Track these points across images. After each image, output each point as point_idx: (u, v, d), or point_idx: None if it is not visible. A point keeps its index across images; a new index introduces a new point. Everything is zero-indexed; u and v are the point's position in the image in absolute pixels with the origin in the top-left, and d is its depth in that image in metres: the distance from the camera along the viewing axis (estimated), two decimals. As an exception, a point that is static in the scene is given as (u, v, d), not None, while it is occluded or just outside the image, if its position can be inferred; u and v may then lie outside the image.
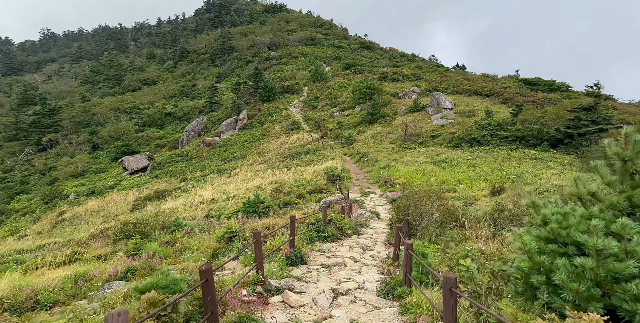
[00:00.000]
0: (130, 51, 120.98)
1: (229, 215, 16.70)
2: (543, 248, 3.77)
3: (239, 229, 8.93)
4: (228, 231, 8.89)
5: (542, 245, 3.80)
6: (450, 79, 50.99)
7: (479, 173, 23.56)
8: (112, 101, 72.38)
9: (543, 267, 3.59)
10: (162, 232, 13.04)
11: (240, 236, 8.89)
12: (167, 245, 10.13)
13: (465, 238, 9.69)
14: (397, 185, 21.43)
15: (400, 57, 79.71)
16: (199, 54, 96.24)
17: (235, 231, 8.88)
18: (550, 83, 43.12)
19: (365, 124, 41.19)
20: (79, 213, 33.68)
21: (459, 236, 9.83)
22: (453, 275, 3.67)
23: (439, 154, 29.55)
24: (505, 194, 18.00)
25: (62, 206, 39.33)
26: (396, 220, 9.82)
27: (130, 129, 62.78)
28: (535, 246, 3.69)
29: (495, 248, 7.95)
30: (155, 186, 38.01)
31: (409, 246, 5.50)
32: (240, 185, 27.14)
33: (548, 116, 30.30)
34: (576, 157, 25.40)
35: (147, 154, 48.65)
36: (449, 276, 3.63)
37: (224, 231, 8.98)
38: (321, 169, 24.81)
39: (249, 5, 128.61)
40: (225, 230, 8.97)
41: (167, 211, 21.50)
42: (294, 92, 60.96)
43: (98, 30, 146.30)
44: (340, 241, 10.26)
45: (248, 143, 46.41)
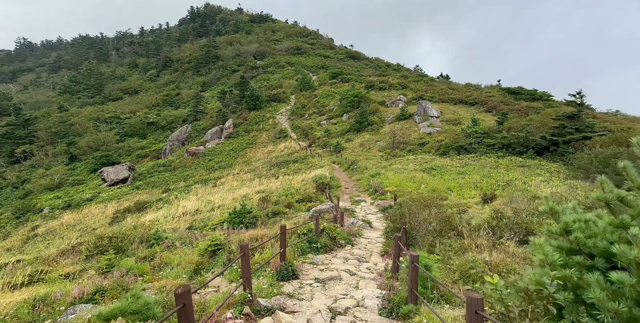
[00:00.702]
0: (111, 60, 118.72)
1: (214, 227, 15.81)
2: (566, 260, 3.27)
3: (224, 241, 8.17)
4: (212, 244, 8.13)
5: (565, 257, 3.31)
6: (436, 88, 51.72)
7: (469, 180, 23.40)
8: (92, 111, 70.22)
9: (570, 283, 3.06)
10: (141, 246, 12.07)
11: (226, 249, 8.13)
12: (144, 260, 9.24)
13: (464, 248, 9.19)
14: (388, 193, 20.99)
15: (386, 66, 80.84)
16: (183, 63, 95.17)
17: (220, 243, 8.12)
18: (532, 92, 44.18)
19: (353, 132, 40.99)
20: (53, 227, 31.76)
21: (458, 245, 9.34)
22: (478, 295, 3.10)
23: (427, 161, 29.42)
24: (497, 202, 17.78)
25: (35, 220, 37.17)
26: (393, 228, 9.26)
27: (110, 140, 60.77)
28: (559, 259, 3.17)
29: (499, 259, 7.46)
30: (136, 197, 36.52)
31: (415, 258, 4.93)
32: (226, 195, 26.18)
33: (533, 124, 30.73)
34: (562, 164, 25.65)
35: (127, 164, 46.94)
36: (474, 296, 3.06)
37: (208, 244, 8.21)
38: (310, 178, 24.18)
39: (235, 15, 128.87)
40: (209, 243, 8.20)
41: (147, 223, 20.34)
42: (280, 101, 60.57)
43: (78, 39, 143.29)
44: (333, 252, 9.60)
45: (234, 151, 45.45)
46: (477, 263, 7.22)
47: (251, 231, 9.47)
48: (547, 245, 3.44)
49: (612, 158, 20.48)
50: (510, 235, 9.68)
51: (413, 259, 4.93)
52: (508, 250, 8.43)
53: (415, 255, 4.94)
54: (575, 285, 3.01)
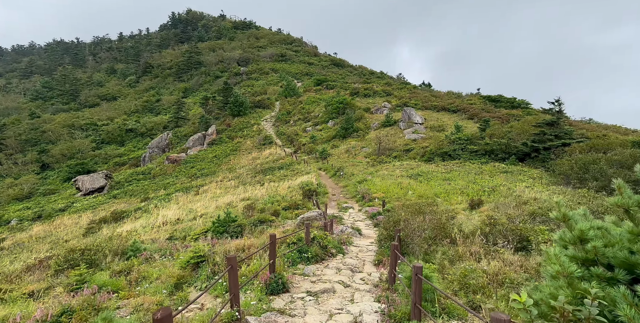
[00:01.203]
0: (88, 65, 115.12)
1: (196, 237, 15.04)
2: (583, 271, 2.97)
3: (207, 253, 7.58)
4: (195, 255, 7.52)
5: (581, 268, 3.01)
6: (419, 95, 52.51)
7: (455, 186, 23.47)
8: (66, 118, 67.49)
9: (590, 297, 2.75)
10: (116, 259, 11.23)
11: (210, 261, 7.54)
12: (120, 274, 8.49)
13: (458, 256, 8.92)
14: (376, 199, 20.73)
15: (370, 74, 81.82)
16: (164, 69, 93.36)
17: (203, 255, 7.52)
18: (511, 100, 45.46)
19: (339, 138, 40.84)
20: (21, 240, 29.81)
21: (452, 253, 9.07)
22: (504, 316, 2.74)
23: (413, 167, 29.47)
24: (485, 208, 17.80)
25: (1, 233, 34.89)
26: (386, 236, 8.91)
27: (86, 147, 58.41)
28: (577, 271, 2.86)
29: (497, 267, 7.20)
30: (113, 207, 34.97)
31: (418, 269, 4.56)
32: (209, 203, 25.28)
33: (514, 131, 31.40)
34: (544, 170, 26.18)
35: (104, 172, 45.04)
36: (500, 318, 2.70)
37: (190, 256, 7.59)
38: (296, 185, 23.68)
39: (217, 21, 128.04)
40: (192, 255, 7.59)
41: (124, 234, 19.25)
42: (265, 107, 60.00)
43: (52, 44, 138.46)
44: (324, 262, 9.14)
45: (217, 158, 44.40)
46: (475, 272, 6.92)
47: (237, 241, 8.90)
48: (562, 255, 3.13)
49: (592, 164, 21.02)
50: (504, 242, 9.50)
51: (416, 270, 4.56)
52: (504, 257, 8.20)
53: (419, 266, 4.57)
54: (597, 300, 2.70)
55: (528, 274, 7.22)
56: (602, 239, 3.07)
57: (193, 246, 8.05)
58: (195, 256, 7.44)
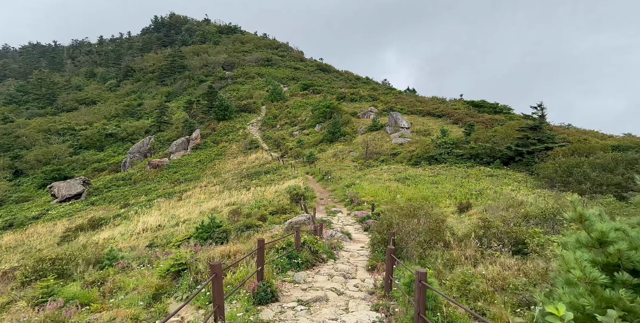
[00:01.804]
0: (66, 69, 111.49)
1: (178, 243, 14.30)
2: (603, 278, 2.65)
3: (189, 260, 7.00)
4: (175, 263, 6.94)
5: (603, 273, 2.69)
6: (405, 100, 53.00)
7: (442, 189, 23.47)
8: (42, 122, 64.85)
9: (617, 306, 2.43)
10: (91, 268, 10.43)
11: (192, 269, 6.97)
12: (93, 285, 7.79)
13: (453, 260, 8.63)
14: (365, 203, 20.44)
15: (356, 79, 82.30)
16: (147, 73, 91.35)
17: (185, 262, 6.95)
18: (494, 106, 46.39)
19: (326, 142, 40.58)
20: (-11, 249, 28.07)
21: (446, 257, 8.77)
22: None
23: (401, 171, 29.42)
24: (473, 210, 17.74)
25: (-33, 242, 32.78)
26: (380, 240, 8.53)
27: (63, 152, 56.11)
28: (602, 277, 2.54)
29: (496, 272, 6.91)
30: (91, 214, 33.47)
31: (422, 276, 4.18)
32: (193, 209, 24.43)
33: (498, 135, 31.85)
34: (528, 174, 26.53)
35: (81, 178, 43.23)
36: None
37: (170, 264, 7.00)
38: (283, 189, 23.15)
39: (202, 25, 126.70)
40: (172, 262, 7.00)
41: (101, 242, 18.24)
42: (251, 111, 59.28)
43: (27, 47, 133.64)
44: (315, 268, 8.67)
45: (202, 163, 43.33)
46: (474, 277, 6.60)
47: (222, 247, 8.35)
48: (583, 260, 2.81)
49: (575, 167, 21.38)
50: (498, 245, 9.28)
51: (420, 277, 4.18)
52: (502, 261, 7.94)
53: (423, 273, 4.20)
54: (625, 309, 2.38)
55: (527, 278, 6.95)
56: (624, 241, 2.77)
57: (174, 254, 7.46)
58: (176, 264, 6.86)
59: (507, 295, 5.83)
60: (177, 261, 6.89)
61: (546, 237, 8.57)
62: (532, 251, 7.92)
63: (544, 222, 9.56)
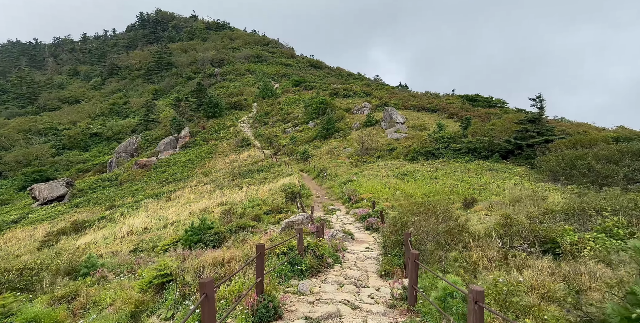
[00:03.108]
0: (48, 67, 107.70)
1: (165, 247, 13.14)
2: None
3: (175, 270, 5.90)
4: (159, 274, 5.83)
5: None
6: (398, 95, 52.24)
7: (443, 185, 22.69)
8: (22, 122, 62.16)
9: None
10: (65, 279, 9.21)
11: (179, 281, 5.87)
12: (62, 301, 6.61)
13: (473, 262, 7.70)
14: (364, 200, 19.50)
15: (348, 76, 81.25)
16: (132, 70, 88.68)
17: (170, 273, 5.84)
18: (488, 99, 45.92)
19: (320, 139, 39.53)
20: (-37, 256, 26.32)
21: (465, 258, 7.85)
22: None
23: (398, 167, 28.61)
24: (479, 206, 16.96)
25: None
26: (394, 242, 7.55)
27: (44, 153, 53.79)
28: None
29: (532, 277, 5.96)
30: (74, 217, 31.84)
31: (479, 296, 3.17)
32: (182, 209, 23.16)
33: (496, 129, 31.26)
34: (528, 167, 25.95)
35: (64, 180, 41.33)
36: None
37: (153, 275, 5.89)
38: (277, 187, 22.06)
39: (189, 22, 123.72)
40: (155, 273, 5.89)
41: (82, 247, 16.91)
42: (242, 109, 57.75)
43: (7, 45, 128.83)
44: (321, 274, 7.66)
45: (191, 162, 41.85)
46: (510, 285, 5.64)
47: (214, 253, 7.25)
48: None
49: (579, 160, 20.76)
50: (521, 244, 8.39)
51: (476, 296, 3.18)
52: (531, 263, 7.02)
53: (479, 291, 3.21)
54: None
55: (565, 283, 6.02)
56: None
57: (158, 263, 6.34)
58: (159, 275, 5.76)
59: (557, 310, 4.90)
60: (160, 272, 5.79)
61: (576, 235, 7.70)
62: (565, 252, 7.04)
63: (571, 218, 8.72)
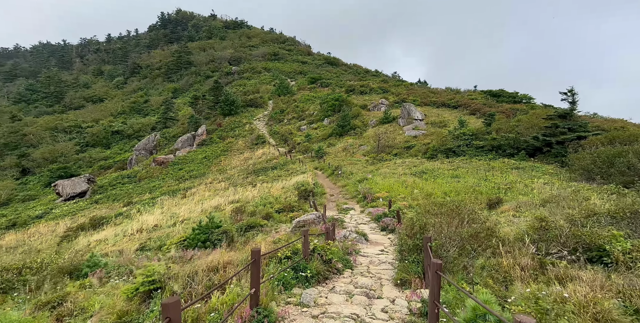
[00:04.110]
0: (75, 68, 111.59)
1: (172, 246, 12.72)
2: None
3: (163, 278, 5.27)
4: (146, 280, 5.22)
5: None
6: (417, 92, 50.63)
7: (465, 184, 21.42)
8: (49, 120, 64.36)
9: None
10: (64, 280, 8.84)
11: (168, 289, 5.23)
12: (46, 307, 6.13)
13: (504, 271, 6.73)
14: (380, 199, 18.56)
15: (365, 72, 79.86)
16: (153, 69, 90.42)
17: (158, 280, 5.22)
18: (513, 95, 43.73)
19: (336, 136, 38.68)
20: (-11, 250, 27.14)
21: (493, 265, 6.88)
22: None
23: (417, 165, 27.44)
24: (505, 206, 15.74)
25: (-31, 242, 32.06)
26: (412, 246, 6.69)
27: (69, 150, 55.43)
28: None
29: (582, 292, 4.97)
30: (94, 212, 32.39)
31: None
32: (195, 207, 22.91)
33: (522, 125, 29.52)
34: (558, 165, 24.27)
35: (86, 176, 42.30)
36: None
37: (140, 282, 5.29)
38: (291, 185, 21.44)
39: (208, 21, 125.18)
40: (142, 279, 5.28)
41: (93, 243, 16.83)
42: (258, 106, 57.62)
43: (38, 47, 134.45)
44: (329, 282, 6.89)
45: (207, 159, 41.95)
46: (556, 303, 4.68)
47: (212, 256, 6.61)
48: None
49: (617, 157, 19.05)
50: (559, 250, 7.33)
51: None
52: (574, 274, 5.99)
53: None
54: None
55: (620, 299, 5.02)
56: None
57: (146, 267, 5.74)
58: (146, 281, 5.14)
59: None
60: (147, 278, 5.18)
61: (629, 242, 6.59)
62: (617, 262, 5.98)
63: (620, 222, 7.58)
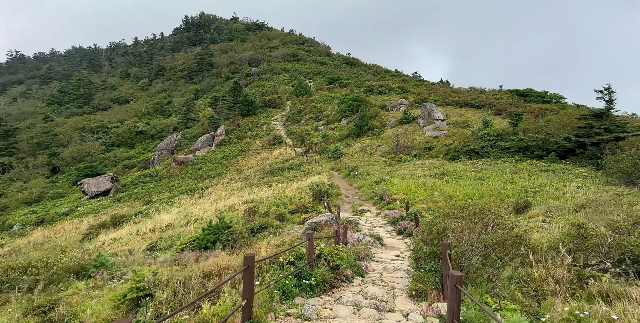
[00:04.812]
0: (104, 70, 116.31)
1: (182, 246, 12.49)
2: None
3: (150, 286, 4.84)
4: (134, 287, 4.82)
5: None
6: (438, 91, 49.10)
7: (489, 186, 20.24)
8: (78, 121, 67.02)
9: None
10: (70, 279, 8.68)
11: (156, 298, 4.80)
12: (35, 312, 5.86)
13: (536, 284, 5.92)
14: (397, 201, 17.77)
15: (385, 73, 78.57)
16: (176, 71, 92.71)
17: (146, 287, 4.81)
18: (542, 94, 41.51)
19: (353, 137, 37.96)
20: (18, 246, 28.16)
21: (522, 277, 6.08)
22: None
23: (437, 166, 26.34)
24: (534, 211, 14.63)
25: (2, 238, 33.53)
26: (428, 254, 6.01)
27: (95, 150, 57.40)
28: None
29: (637, 314, 4.15)
30: (116, 211, 33.15)
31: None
32: (209, 206, 22.85)
33: (552, 125, 27.80)
34: (593, 168, 22.61)
35: (110, 175, 43.51)
36: None
37: (128, 288, 4.90)
38: (306, 185, 20.97)
39: (230, 24, 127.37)
40: (130, 285, 4.89)
41: (107, 242, 16.95)
42: (275, 107, 57.71)
43: (71, 51, 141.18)
44: (336, 291, 6.30)
45: (225, 159, 42.22)
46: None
47: (211, 260, 6.17)
48: None
49: (662, 159, 17.43)
50: (601, 262, 6.42)
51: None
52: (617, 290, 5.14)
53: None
54: None
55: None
56: None
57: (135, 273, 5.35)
58: (134, 288, 4.74)
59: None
60: (135, 284, 4.78)
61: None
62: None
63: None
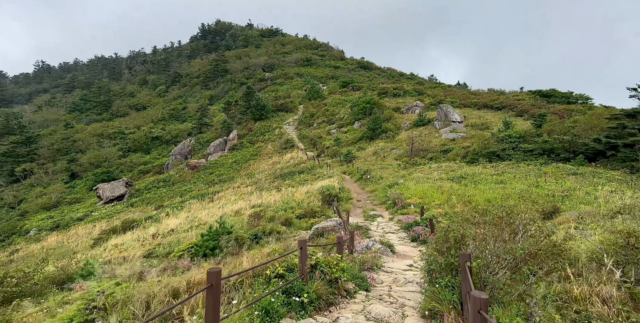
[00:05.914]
0: (123, 78, 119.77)
1: (180, 253, 11.78)
2: None
3: (101, 306, 4.02)
4: (83, 308, 4.01)
5: None
6: (455, 93, 47.50)
7: (512, 191, 18.77)
8: (96, 127, 68.62)
9: None
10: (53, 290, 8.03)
11: (116, 315, 3.98)
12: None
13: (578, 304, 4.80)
14: (411, 206, 16.63)
15: (399, 76, 77.24)
16: (192, 78, 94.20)
17: (96, 307, 3.99)
18: (567, 95, 39.33)
19: (366, 140, 36.88)
20: (33, 251, 28.33)
21: (559, 295, 4.96)
22: None
23: (454, 170, 24.96)
24: (564, 217, 13.22)
25: (18, 243, 33.99)
26: (444, 265, 4.99)
27: (112, 155, 58.36)
28: None
29: None
30: (128, 215, 33.14)
31: None
32: (217, 211, 22.26)
33: (579, 126, 26.00)
34: (627, 171, 20.83)
35: (124, 180, 43.87)
36: None
37: (76, 309, 4.10)
38: (315, 189, 20.09)
39: (245, 30, 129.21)
40: (81, 305, 4.08)
41: (109, 247, 16.48)
42: (288, 111, 57.35)
43: (94, 60, 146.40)
44: (333, 309, 5.34)
45: (237, 164, 41.89)
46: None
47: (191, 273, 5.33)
48: None
49: None
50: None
51: None
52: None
53: None
54: None
55: None
56: None
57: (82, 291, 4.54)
58: (84, 309, 3.93)
59: None
60: (84, 305, 3.96)
61: None
62: None
63: None
